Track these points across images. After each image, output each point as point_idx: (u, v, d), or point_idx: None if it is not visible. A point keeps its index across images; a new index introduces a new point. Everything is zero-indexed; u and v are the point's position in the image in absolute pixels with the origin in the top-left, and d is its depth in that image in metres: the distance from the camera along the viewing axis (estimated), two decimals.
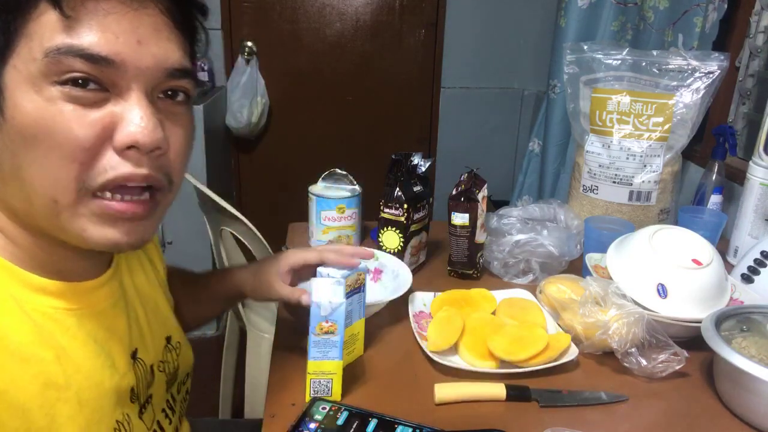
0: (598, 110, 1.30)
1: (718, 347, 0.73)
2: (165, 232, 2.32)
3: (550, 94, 2.04)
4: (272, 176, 2.86)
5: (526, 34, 2.74)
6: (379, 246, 1.09)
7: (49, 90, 0.46)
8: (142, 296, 0.69)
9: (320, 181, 1.24)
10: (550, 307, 0.94)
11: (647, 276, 0.89)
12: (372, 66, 2.76)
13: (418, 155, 1.10)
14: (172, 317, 0.76)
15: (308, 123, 2.81)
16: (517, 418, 0.74)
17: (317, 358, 0.72)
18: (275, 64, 2.68)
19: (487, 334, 0.84)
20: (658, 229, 0.93)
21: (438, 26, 2.72)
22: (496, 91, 2.85)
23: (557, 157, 2.06)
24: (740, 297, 0.94)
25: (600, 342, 0.82)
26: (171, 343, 0.73)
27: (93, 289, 0.57)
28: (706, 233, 0.99)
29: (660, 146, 1.25)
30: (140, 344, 0.65)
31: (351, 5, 2.66)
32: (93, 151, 0.48)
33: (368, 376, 0.80)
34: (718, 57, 1.23)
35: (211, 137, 2.32)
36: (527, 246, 1.07)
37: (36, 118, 0.46)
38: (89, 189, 0.49)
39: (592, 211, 1.33)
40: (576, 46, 1.35)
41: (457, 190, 1.05)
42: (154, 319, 0.70)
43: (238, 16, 2.61)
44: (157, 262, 0.78)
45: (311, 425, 0.67)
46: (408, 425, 0.67)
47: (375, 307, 0.93)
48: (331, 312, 0.69)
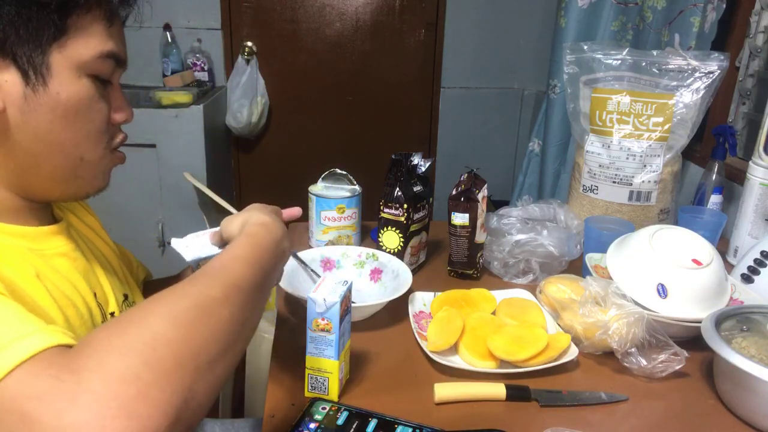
0: (598, 110, 1.30)
1: (718, 347, 0.73)
2: (165, 232, 2.33)
3: (550, 94, 2.04)
4: (272, 176, 2.86)
5: (526, 34, 2.74)
6: (379, 246, 1.09)
7: (83, 79, 0.60)
8: (93, 251, 0.75)
9: (320, 181, 1.25)
10: (550, 307, 0.94)
11: (647, 276, 0.89)
12: (372, 66, 2.76)
13: (418, 155, 1.10)
14: (131, 280, 0.83)
15: (308, 123, 2.81)
16: (517, 418, 0.74)
17: (314, 353, 0.72)
18: (275, 64, 2.68)
19: (487, 334, 0.84)
20: (658, 229, 0.93)
21: (438, 26, 2.72)
22: (496, 91, 2.85)
23: (557, 157, 2.06)
24: (740, 297, 0.94)
25: (600, 342, 0.83)
26: (128, 300, 0.78)
27: (52, 234, 0.67)
28: (706, 233, 0.99)
29: (660, 146, 1.25)
30: (98, 290, 0.71)
31: (351, 5, 2.66)
32: (107, 123, 0.65)
33: (368, 376, 0.80)
34: (718, 57, 1.23)
35: (211, 137, 2.33)
36: (527, 246, 1.07)
37: (80, 99, 0.60)
38: (107, 148, 0.66)
39: (592, 211, 1.33)
40: (576, 46, 1.35)
41: (457, 190, 1.05)
42: (108, 273, 0.75)
43: (238, 16, 2.61)
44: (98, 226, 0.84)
45: (311, 425, 0.67)
46: (408, 425, 0.67)
47: (375, 307, 0.93)
48: (325, 310, 0.69)
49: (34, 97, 0.58)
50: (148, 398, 0.39)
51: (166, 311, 0.46)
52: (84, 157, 0.63)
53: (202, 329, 0.46)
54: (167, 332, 0.43)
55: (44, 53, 0.57)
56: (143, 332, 0.43)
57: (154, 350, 0.42)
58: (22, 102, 0.57)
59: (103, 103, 0.63)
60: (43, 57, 0.57)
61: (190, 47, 2.56)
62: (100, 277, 0.73)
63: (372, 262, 1.07)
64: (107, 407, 0.38)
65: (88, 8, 0.59)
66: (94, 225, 0.82)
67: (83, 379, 0.39)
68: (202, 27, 2.58)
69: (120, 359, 0.41)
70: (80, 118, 0.61)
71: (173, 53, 2.52)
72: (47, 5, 0.56)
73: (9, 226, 0.62)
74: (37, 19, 0.56)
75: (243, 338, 0.52)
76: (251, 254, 0.59)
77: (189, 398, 0.42)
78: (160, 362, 0.41)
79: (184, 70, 2.54)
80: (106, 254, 0.80)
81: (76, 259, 0.69)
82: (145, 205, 2.27)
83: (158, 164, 2.22)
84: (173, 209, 2.28)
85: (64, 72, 0.58)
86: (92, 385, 0.39)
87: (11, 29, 0.55)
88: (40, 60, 0.57)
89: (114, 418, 0.38)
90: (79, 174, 0.64)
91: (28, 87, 0.57)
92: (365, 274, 1.07)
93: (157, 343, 0.42)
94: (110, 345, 0.42)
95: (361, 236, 1.25)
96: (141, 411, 0.39)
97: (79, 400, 0.38)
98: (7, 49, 0.56)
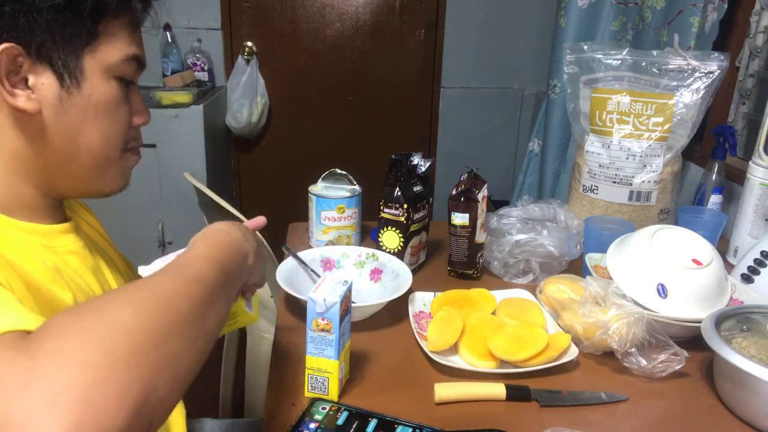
0: (598, 110, 1.30)
1: (718, 347, 0.73)
2: (165, 232, 2.33)
3: (550, 94, 2.04)
4: (272, 176, 2.86)
5: (526, 34, 2.74)
6: (379, 246, 1.09)
7: (110, 81, 0.64)
8: (99, 250, 0.77)
9: (320, 181, 1.24)
10: (550, 307, 0.94)
11: (647, 276, 0.89)
12: (372, 66, 2.76)
13: (418, 155, 1.10)
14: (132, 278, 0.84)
15: (308, 123, 2.81)
16: (517, 418, 0.74)
17: (314, 354, 0.72)
18: (275, 64, 2.68)
19: (487, 334, 0.84)
20: (658, 229, 0.93)
21: (438, 26, 2.72)
22: (496, 91, 2.85)
23: (557, 157, 2.06)
24: (740, 297, 0.94)
25: (600, 342, 0.82)
26: None
27: (63, 232, 0.69)
28: (706, 233, 0.99)
29: (660, 146, 1.25)
30: (106, 287, 0.73)
31: (351, 5, 2.66)
32: (129, 125, 0.69)
33: (368, 376, 0.80)
34: (718, 57, 1.22)
35: (211, 137, 2.33)
36: (527, 246, 1.07)
37: (109, 100, 0.64)
38: (126, 148, 0.69)
39: (592, 211, 1.33)
40: (576, 46, 1.35)
41: (457, 190, 1.05)
42: (114, 271, 0.77)
43: (238, 16, 2.61)
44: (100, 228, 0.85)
45: (311, 425, 0.67)
46: (408, 425, 0.67)
47: (375, 307, 0.93)
48: (325, 309, 0.69)
49: (68, 99, 0.61)
50: (104, 386, 0.38)
51: (125, 300, 0.45)
52: (110, 156, 0.67)
53: (162, 320, 0.45)
54: (126, 320, 0.42)
55: (78, 57, 0.61)
56: (103, 318, 0.42)
57: (112, 338, 0.41)
58: (57, 103, 0.60)
59: (126, 105, 0.67)
60: (77, 61, 0.61)
61: (190, 47, 2.56)
62: (107, 275, 0.75)
63: (372, 262, 1.07)
64: (61, 393, 0.36)
65: (116, 15, 0.62)
66: (96, 226, 0.84)
67: (38, 363, 0.38)
68: (202, 27, 2.58)
69: (78, 345, 0.39)
70: (108, 118, 0.65)
71: (173, 53, 2.52)
72: (81, 12, 0.59)
73: (24, 223, 0.63)
74: (72, 25, 0.59)
75: (205, 335, 0.50)
76: (210, 253, 0.59)
77: (148, 390, 0.40)
78: (119, 350, 0.40)
79: (184, 70, 2.54)
80: (111, 255, 0.81)
81: (85, 257, 0.70)
82: (145, 205, 2.27)
83: (158, 164, 2.22)
84: (173, 209, 2.28)
85: (95, 74, 0.62)
86: (48, 369, 0.37)
87: (48, 35, 0.58)
88: (75, 64, 0.60)
89: (67, 405, 0.36)
90: (105, 173, 0.68)
91: (63, 89, 0.60)
92: (365, 274, 1.07)
93: (115, 330, 0.41)
94: (68, 329, 0.41)
95: (361, 236, 1.25)
96: (97, 400, 0.37)
97: (32, 385, 0.37)
98: (43, 53, 0.59)
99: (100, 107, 0.63)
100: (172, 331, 0.45)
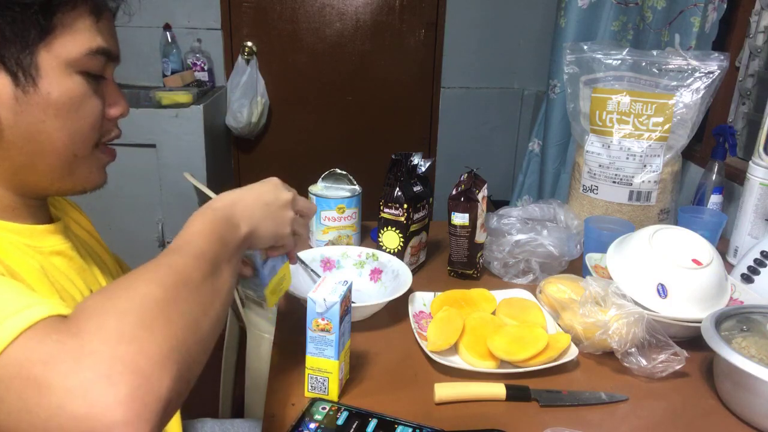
0: (598, 110, 1.30)
1: (718, 347, 0.73)
2: (165, 232, 2.33)
3: (550, 94, 2.04)
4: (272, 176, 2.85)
5: (526, 34, 2.74)
6: (379, 246, 1.09)
7: (73, 77, 0.60)
8: (89, 251, 0.76)
9: (320, 181, 1.25)
10: (550, 307, 0.94)
11: (647, 276, 0.89)
12: (372, 66, 2.76)
13: (418, 155, 1.10)
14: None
15: (308, 123, 2.81)
16: (517, 418, 0.74)
17: (314, 354, 0.72)
18: (275, 64, 2.68)
19: (487, 334, 0.84)
20: (658, 229, 0.93)
21: (438, 26, 2.72)
22: (496, 91, 2.85)
23: (557, 157, 2.06)
24: (740, 297, 0.94)
25: (600, 342, 0.83)
26: None
27: (48, 232, 0.67)
28: (706, 233, 0.99)
29: (660, 146, 1.25)
30: (95, 288, 0.71)
31: (351, 5, 2.66)
32: (101, 119, 0.65)
33: (368, 376, 0.80)
34: (718, 57, 1.23)
35: (211, 137, 2.33)
36: (527, 246, 1.07)
37: (71, 97, 0.60)
38: (97, 144, 0.66)
39: (592, 211, 1.33)
40: (576, 46, 1.35)
41: (457, 190, 1.05)
42: (104, 272, 0.76)
43: (238, 16, 2.61)
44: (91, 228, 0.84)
45: (311, 425, 0.67)
46: (408, 425, 0.67)
47: (375, 307, 0.93)
48: (325, 310, 0.69)
49: (25, 98, 0.58)
50: (148, 354, 0.42)
51: (148, 278, 0.48)
52: (78, 153, 0.64)
53: (181, 291, 0.49)
54: (154, 294, 0.46)
55: (32, 54, 0.57)
56: (133, 295, 0.46)
57: (145, 311, 0.44)
58: (13, 103, 0.58)
59: (96, 99, 0.63)
60: (31, 58, 0.57)
61: (190, 47, 2.56)
62: (97, 276, 0.74)
63: (372, 262, 1.07)
64: (112, 366, 0.40)
65: (73, 5, 0.58)
66: (87, 226, 0.83)
67: (85, 341, 0.41)
68: (202, 27, 2.58)
69: (117, 321, 0.43)
70: (72, 115, 0.61)
71: (173, 53, 2.52)
72: (30, 6, 0.56)
73: (6, 223, 0.62)
74: (22, 20, 0.56)
75: (218, 299, 0.54)
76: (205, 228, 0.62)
77: (183, 351, 0.45)
78: (153, 321, 0.44)
79: (184, 70, 2.54)
80: (101, 255, 0.81)
81: (72, 258, 0.69)
82: (145, 205, 2.27)
83: (158, 164, 2.22)
84: (173, 209, 2.28)
85: (54, 71, 0.58)
86: (94, 345, 0.41)
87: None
88: (28, 61, 0.57)
89: (121, 374, 0.40)
90: (73, 171, 0.65)
91: (18, 88, 0.57)
92: (365, 274, 1.07)
93: (146, 305, 0.45)
94: (104, 309, 0.44)
95: (361, 236, 1.25)
96: (144, 366, 0.41)
97: (84, 362, 0.40)
98: None
99: (62, 105, 0.59)
100: (191, 299, 0.49)
